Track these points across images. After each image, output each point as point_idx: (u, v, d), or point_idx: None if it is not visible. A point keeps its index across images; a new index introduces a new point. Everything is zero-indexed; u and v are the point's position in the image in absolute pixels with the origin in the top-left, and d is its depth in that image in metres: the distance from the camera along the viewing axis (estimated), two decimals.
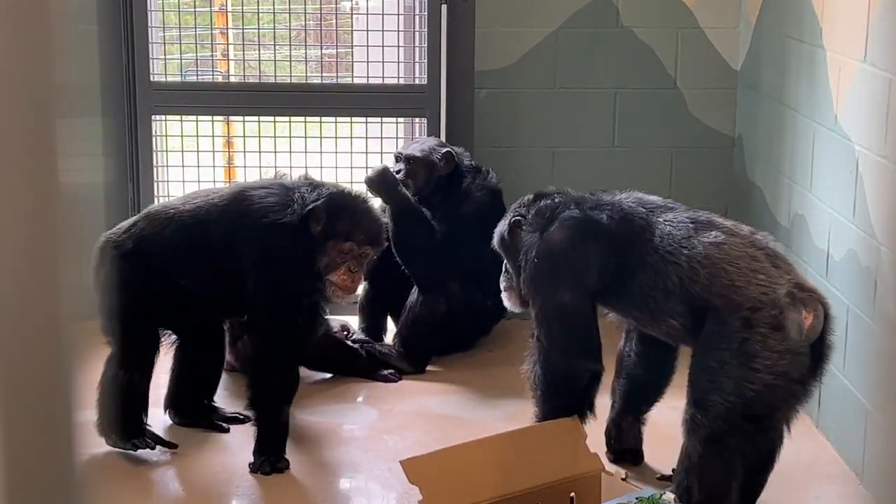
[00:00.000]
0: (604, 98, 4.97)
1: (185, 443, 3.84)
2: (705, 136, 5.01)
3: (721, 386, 2.99)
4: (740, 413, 2.99)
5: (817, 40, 4.01)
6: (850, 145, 3.68)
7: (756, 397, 2.97)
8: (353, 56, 5.39)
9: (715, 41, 4.94)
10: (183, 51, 5.32)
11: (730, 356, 2.98)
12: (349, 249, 3.66)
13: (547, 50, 4.92)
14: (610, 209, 3.31)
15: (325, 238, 3.63)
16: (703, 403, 3.02)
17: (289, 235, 3.60)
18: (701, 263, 3.08)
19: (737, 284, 3.02)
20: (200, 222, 3.70)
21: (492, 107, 4.94)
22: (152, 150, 4.93)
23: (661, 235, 3.18)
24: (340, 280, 3.66)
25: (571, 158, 5.00)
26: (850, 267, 3.67)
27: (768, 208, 4.55)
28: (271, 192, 3.70)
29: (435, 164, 4.55)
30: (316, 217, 3.62)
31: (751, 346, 2.96)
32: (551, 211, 3.39)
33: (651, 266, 3.16)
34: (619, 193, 3.41)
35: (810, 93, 4.09)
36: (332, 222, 3.64)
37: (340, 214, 3.66)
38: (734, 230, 3.19)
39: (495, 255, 4.63)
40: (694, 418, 3.04)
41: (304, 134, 5.04)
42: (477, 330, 4.73)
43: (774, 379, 2.96)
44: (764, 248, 3.14)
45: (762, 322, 2.97)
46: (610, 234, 3.27)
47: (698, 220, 3.22)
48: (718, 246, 3.10)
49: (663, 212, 3.28)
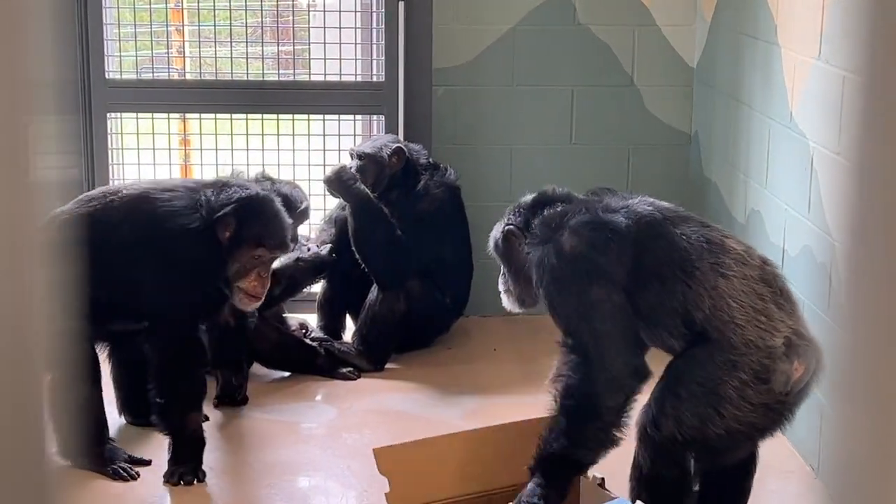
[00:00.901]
0: (561, 95, 4.99)
1: (142, 443, 3.82)
2: (662, 133, 5.03)
3: (681, 417, 2.90)
4: (695, 444, 2.92)
5: (772, 38, 4.04)
6: (805, 142, 3.72)
7: (716, 439, 2.90)
8: (310, 53, 5.37)
9: (671, 39, 4.96)
10: (138, 48, 5.28)
11: (701, 392, 2.88)
12: (260, 255, 3.53)
13: (504, 47, 4.92)
14: (625, 212, 3.06)
15: (234, 244, 3.51)
16: (658, 424, 2.93)
17: (192, 241, 3.48)
18: (708, 292, 2.92)
19: (736, 322, 2.89)
20: (99, 226, 3.54)
21: (450, 104, 4.94)
22: (108, 148, 4.89)
23: (678, 249, 2.98)
24: (251, 287, 3.54)
25: (529, 155, 5.00)
26: (805, 263, 3.70)
27: (724, 205, 4.59)
28: (175, 196, 3.55)
29: (385, 160, 4.53)
30: (225, 223, 3.49)
31: (726, 390, 2.85)
32: (559, 220, 3.12)
33: (661, 279, 2.97)
34: (629, 197, 3.17)
35: (765, 90, 4.12)
36: (242, 228, 3.50)
37: (251, 220, 3.52)
38: (745, 258, 3.00)
39: (454, 253, 4.65)
40: (646, 431, 2.95)
41: (261, 131, 5.02)
42: (436, 327, 4.73)
43: (739, 427, 2.88)
44: (772, 284, 2.98)
45: (748, 368, 2.86)
46: (628, 235, 3.02)
47: (712, 241, 3.01)
48: (727, 277, 2.93)
49: (679, 222, 3.06)
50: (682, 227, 3.04)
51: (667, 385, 2.98)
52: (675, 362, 3.01)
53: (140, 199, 3.57)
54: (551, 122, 5.00)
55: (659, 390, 2.99)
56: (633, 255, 3.01)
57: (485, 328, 4.79)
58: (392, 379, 4.43)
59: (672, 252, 2.99)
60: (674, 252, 2.99)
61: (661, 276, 2.98)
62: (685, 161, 5.05)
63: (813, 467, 3.61)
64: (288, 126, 5.02)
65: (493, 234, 3.36)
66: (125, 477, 3.58)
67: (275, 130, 5.05)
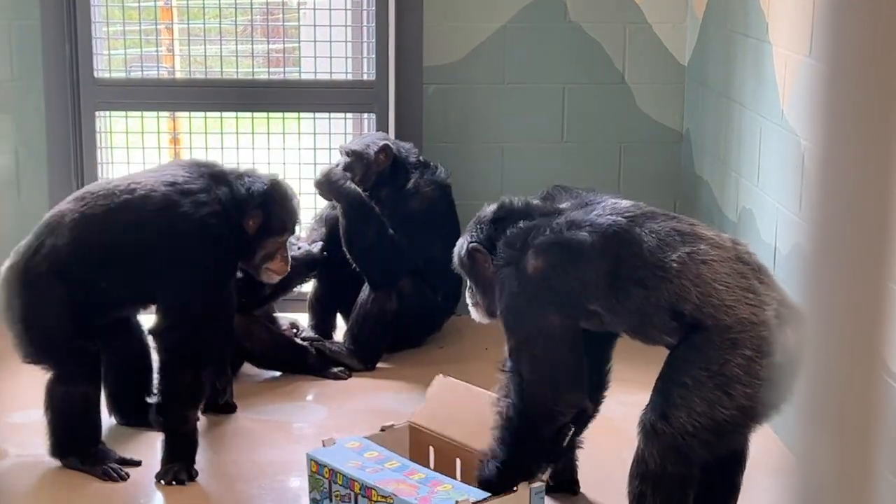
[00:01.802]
0: (552, 93, 4.98)
1: (132, 443, 3.80)
2: (653, 131, 5.03)
3: (691, 405, 2.89)
4: (705, 432, 2.91)
5: (763, 35, 4.04)
6: (797, 139, 3.71)
7: (726, 420, 2.89)
8: (301, 51, 5.36)
9: (662, 36, 4.96)
10: (127, 46, 5.26)
11: (707, 377, 2.87)
12: (284, 240, 3.80)
13: (495, 45, 4.91)
14: (589, 226, 3.04)
15: (262, 235, 3.71)
16: (668, 417, 2.92)
17: (221, 245, 3.57)
18: (692, 282, 2.92)
19: (727, 304, 2.89)
20: (110, 221, 3.56)
21: (440, 102, 4.93)
22: (96, 146, 4.87)
23: (650, 250, 2.97)
24: (279, 266, 3.81)
25: (521, 154, 5.00)
26: (797, 261, 3.70)
27: (716, 203, 4.58)
28: (197, 200, 3.57)
29: (371, 157, 4.51)
30: (252, 218, 3.66)
31: (732, 369, 2.86)
32: (522, 240, 3.10)
33: (642, 282, 2.97)
34: (588, 204, 3.15)
35: (757, 87, 4.12)
36: (269, 218, 3.70)
37: (275, 209, 3.72)
38: (718, 242, 3.02)
39: (445, 251, 4.63)
40: (655, 427, 2.94)
41: (251, 130, 5.00)
42: (427, 327, 4.71)
43: (749, 403, 2.87)
44: (749, 262, 3.00)
45: (749, 344, 2.86)
46: (594, 252, 3.01)
47: (682, 232, 3.02)
48: (708, 264, 2.94)
49: (644, 220, 3.05)
50: (648, 225, 3.03)
51: (669, 377, 2.97)
52: (672, 354, 3.00)
53: (161, 200, 3.56)
54: (542, 120, 4.99)
55: (661, 384, 2.98)
56: (606, 270, 3.01)
57: (476, 327, 4.73)
58: (383, 378, 4.42)
59: (645, 254, 2.98)
60: (646, 254, 2.98)
61: (641, 280, 2.98)
62: (676, 159, 5.04)
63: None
64: (278, 125, 5.00)
65: (456, 250, 3.36)
66: (115, 477, 3.56)
67: (265, 129, 5.03)
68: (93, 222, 3.57)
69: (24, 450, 3.74)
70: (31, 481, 3.58)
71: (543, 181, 3.68)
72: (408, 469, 3.23)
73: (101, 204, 3.59)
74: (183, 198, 3.56)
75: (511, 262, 3.10)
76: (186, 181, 3.62)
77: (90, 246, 3.56)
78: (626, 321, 3.07)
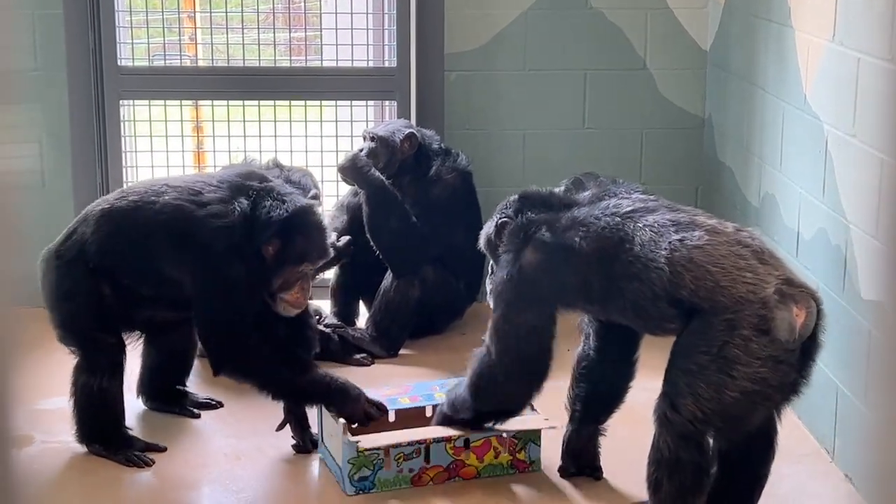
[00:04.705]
0: (574, 79, 4.97)
1: (158, 429, 3.83)
2: (675, 117, 5.01)
3: (697, 391, 2.91)
4: (715, 416, 2.93)
5: (786, 20, 4.02)
6: (820, 124, 3.70)
7: (733, 404, 2.90)
8: (322, 39, 5.36)
9: (684, 21, 4.94)
10: (151, 35, 5.28)
11: (709, 360, 2.90)
12: (304, 270, 3.54)
13: (516, 31, 4.90)
14: (584, 230, 3.14)
15: (279, 263, 3.49)
16: (676, 405, 2.95)
17: (234, 261, 3.44)
18: (685, 267, 2.96)
19: (722, 285, 2.92)
20: (139, 224, 3.56)
21: (462, 89, 4.93)
22: (120, 135, 4.89)
23: (642, 243, 3.04)
24: (294, 298, 3.55)
25: (542, 140, 4.99)
26: (820, 246, 3.69)
27: (738, 188, 4.57)
28: (216, 210, 3.50)
29: (396, 144, 4.52)
30: (270, 244, 3.47)
31: (731, 350, 2.87)
32: (524, 232, 3.23)
33: (636, 276, 3.03)
34: (605, 197, 3.24)
35: (779, 72, 4.10)
36: (287, 248, 3.49)
37: (295, 238, 3.50)
38: (718, 228, 3.06)
39: (467, 238, 4.64)
40: (666, 415, 2.98)
41: (273, 118, 5.01)
42: (450, 313, 4.72)
43: (753, 385, 2.88)
44: (750, 245, 3.02)
45: (746, 323, 2.87)
46: (585, 257, 3.12)
47: (679, 222, 3.07)
48: (702, 248, 2.98)
49: (643, 215, 3.12)
50: (645, 220, 3.10)
51: (675, 365, 3.00)
52: (677, 342, 3.03)
53: (178, 207, 3.53)
54: (564, 106, 4.99)
55: (669, 373, 3.02)
56: (597, 272, 3.12)
57: None
58: (406, 365, 4.43)
59: (636, 249, 3.05)
60: (638, 248, 3.04)
61: (635, 275, 3.04)
62: (698, 145, 5.03)
63: (828, 451, 3.59)
64: (300, 112, 5.01)
65: (484, 231, 3.46)
66: (138, 464, 3.59)
67: (287, 117, 5.04)
68: (116, 218, 3.59)
69: (51, 436, 3.77)
70: (57, 467, 3.61)
71: (565, 168, 3.69)
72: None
73: (130, 200, 3.62)
74: (198, 209, 3.51)
75: (511, 250, 3.24)
76: (211, 190, 3.56)
77: (110, 241, 3.59)
78: (625, 315, 3.15)
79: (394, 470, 3.46)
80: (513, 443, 3.55)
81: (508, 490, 3.51)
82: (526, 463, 3.57)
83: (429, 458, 3.49)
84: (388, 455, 3.45)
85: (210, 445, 3.75)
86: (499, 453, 3.55)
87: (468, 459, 3.52)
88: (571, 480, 3.52)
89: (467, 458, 3.52)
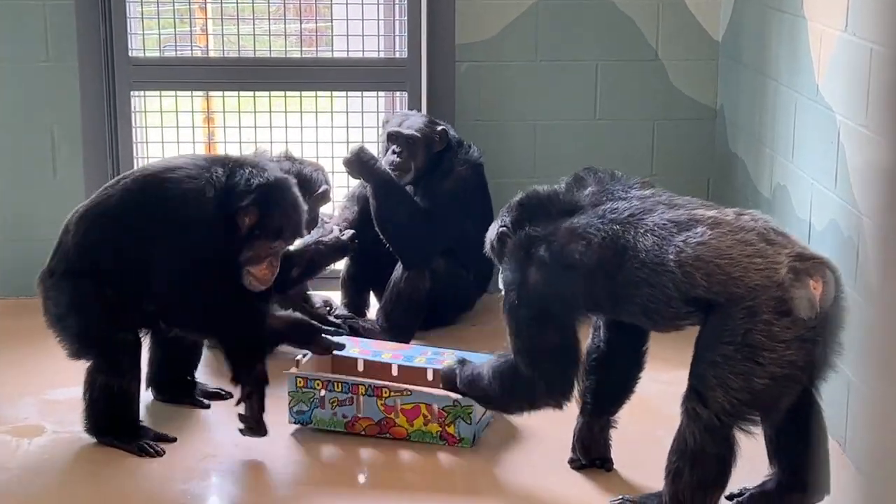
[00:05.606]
0: (585, 70, 4.95)
1: (167, 419, 3.84)
2: (687, 108, 4.99)
3: (726, 382, 2.90)
4: (745, 406, 2.92)
5: (798, 10, 4.00)
6: (832, 115, 3.68)
7: (764, 391, 2.89)
8: (333, 30, 5.35)
9: (696, 12, 4.92)
10: (162, 26, 5.27)
11: (734, 350, 2.88)
12: (275, 247, 3.50)
13: (528, 22, 4.89)
14: (584, 242, 3.14)
15: (252, 236, 3.44)
16: (705, 399, 2.94)
17: (203, 230, 3.40)
18: (694, 266, 2.95)
19: (734, 276, 2.90)
20: (111, 209, 3.51)
21: (473, 80, 4.92)
22: (131, 126, 4.90)
23: (646, 249, 3.03)
24: (262, 274, 3.50)
25: (553, 131, 4.98)
26: (832, 237, 3.67)
27: (750, 179, 4.55)
28: (188, 176, 3.46)
29: (434, 140, 4.52)
30: (246, 214, 3.41)
31: (755, 337, 2.86)
32: (525, 250, 3.26)
33: (645, 281, 3.02)
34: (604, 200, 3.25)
35: (792, 63, 4.08)
36: (264, 220, 3.43)
37: (272, 212, 3.44)
38: (719, 219, 3.05)
39: (478, 230, 4.63)
40: (696, 409, 2.96)
41: (283, 109, 5.01)
42: (460, 305, 4.72)
43: (781, 370, 2.87)
44: (754, 227, 3.00)
45: (766, 307, 2.86)
46: (588, 271, 3.13)
47: (679, 221, 3.06)
48: (706, 243, 2.96)
49: (641, 218, 3.11)
50: (645, 223, 3.09)
51: (701, 359, 2.99)
52: (700, 337, 3.02)
53: (147, 182, 3.51)
54: (575, 97, 4.97)
55: (695, 368, 3.00)
56: (602, 285, 3.13)
57: None
58: None
59: (640, 258, 3.04)
60: (642, 256, 3.04)
61: (644, 280, 3.04)
62: (710, 136, 5.01)
63: (839, 442, 3.58)
64: (311, 103, 5.01)
65: (487, 237, 3.49)
66: (151, 454, 3.59)
67: (298, 108, 5.04)
68: (90, 215, 3.55)
69: (61, 426, 3.78)
70: (68, 457, 3.62)
71: (576, 159, 3.68)
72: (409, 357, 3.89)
73: (100, 192, 3.61)
74: (168, 173, 3.48)
75: (515, 269, 3.28)
76: (185, 161, 3.56)
77: (88, 238, 3.53)
78: (634, 318, 3.16)
79: (328, 412, 3.69)
80: (442, 414, 3.64)
81: (435, 457, 3.61)
82: (456, 438, 3.65)
83: (360, 408, 3.68)
84: (322, 397, 3.69)
85: (219, 436, 3.75)
86: (428, 421, 3.65)
87: (398, 420, 3.66)
88: (583, 473, 3.52)
89: (397, 418, 3.66)
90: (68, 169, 4.82)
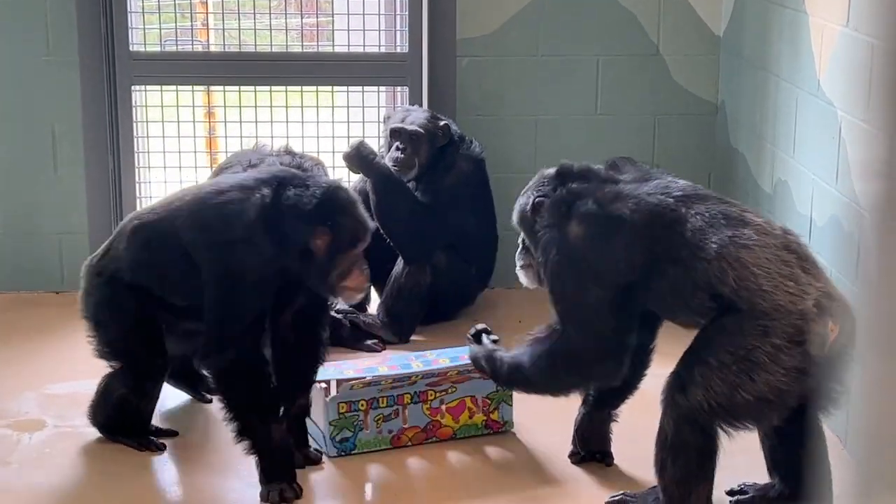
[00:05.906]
0: (586, 65, 4.95)
1: (170, 413, 3.85)
2: (688, 103, 4.99)
3: (711, 385, 2.89)
4: (722, 411, 2.91)
5: (800, 5, 4.00)
6: (833, 110, 3.68)
7: (743, 405, 2.88)
8: (334, 24, 5.35)
9: (697, 7, 4.92)
10: (162, 20, 5.27)
11: (731, 360, 2.87)
12: (358, 252, 3.37)
13: (529, 17, 4.89)
14: (635, 202, 3.06)
15: (332, 253, 3.30)
16: (686, 391, 2.93)
17: (249, 251, 3.26)
18: (731, 265, 2.91)
19: (764, 289, 2.87)
20: (164, 235, 3.44)
21: (474, 75, 4.92)
22: (132, 120, 4.89)
23: (693, 230, 2.98)
24: (358, 282, 3.38)
25: (554, 126, 4.98)
26: (833, 232, 3.67)
27: (751, 175, 4.55)
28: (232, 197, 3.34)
29: (437, 136, 4.52)
30: (318, 238, 3.28)
31: (759, 356, 2.84)
32: (567, 205, 3.14)
33: (682, 261, 2.97)
34: (647, 180, 3.16)
35: (793, 58, 4.08)
36: (338, 235, 3.30)
37: (341, 223, 3.31)
38: (766, 229, 3.01)
39: (480, 225, 4.64)
40: (674, 398, 2.96)
41: (285, 103, 5.01)
42: (461, 300, 4.72)
43: (769, 394, 2.85)
44: (796, 251, 2.97)
45: (781, 332, 2.83)
46: (634, 229, 3.04)
47: (730, 216, 3.01)
48: (750, 248, 2.93)
49: (694, 202, 3.05)
50: (697, 207, 3.04)
51: (696, 353, 2.97)
52: (704, 331, 3.00)
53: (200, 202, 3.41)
54: (576, 92, 4.97)
55: (688, 358, 2.99)
56: (643, 247, 3.03)
57: (510, 300, 4.78)
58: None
59: (687, 235, 2.99)
60: (689, 234, 2.99)
61: (679, 260, 2.99)
62: (711, 131, 5.01)
63: (840, 438, 3.59)
64: (312, 98, 5.01)
65: (519, 205, 3.35)
66: (151, 448, 3.59)
67: (299, 102, 5.04)
68: (144, 231, 3.50)
69: (62, 421, 3.78)
70: (69, 452, 3.62)
71: (577, 154, 3.66)
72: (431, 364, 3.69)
73: (156, 211, 3.56)
74: (215, 197, 3.39)
75: (554, 225, 3.15)
76: (235, 182, 3.44)
77: (141, 255, 3.49)
78: (659, 299, 3.08)
79: (373, 431, 3.56)
80: (486, 403, 3.65)
81: (482, 451, 3.61)
82: (500, 423, 3.68)
83: (405, 419, 3.59)
84: (366, 416, 3.54)
85: (222, 431, 3.74)
86: (473, 413, 3.66)
87: (444, 420, 3.63)
88: (583, 467, 3.52)
89: (443, 419, 3.63)
90: (69, 164, 4.82)
